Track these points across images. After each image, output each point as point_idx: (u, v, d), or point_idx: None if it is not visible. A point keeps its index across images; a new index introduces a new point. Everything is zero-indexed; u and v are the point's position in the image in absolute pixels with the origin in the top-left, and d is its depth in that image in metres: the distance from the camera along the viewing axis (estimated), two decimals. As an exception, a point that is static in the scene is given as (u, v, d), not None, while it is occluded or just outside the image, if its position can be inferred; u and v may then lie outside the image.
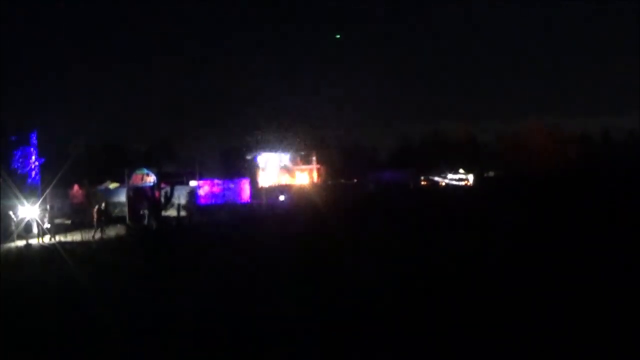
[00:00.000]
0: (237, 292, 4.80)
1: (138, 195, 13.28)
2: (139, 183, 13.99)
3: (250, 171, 16.98)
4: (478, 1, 47.55)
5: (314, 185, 16.51)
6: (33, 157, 12.66)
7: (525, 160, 17.55)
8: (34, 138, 12.77)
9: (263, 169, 17.63)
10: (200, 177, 15.37)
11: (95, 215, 11.07)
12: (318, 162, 18.17)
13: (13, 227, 10.48)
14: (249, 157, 18.03)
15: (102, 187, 15.92)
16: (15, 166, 12.07)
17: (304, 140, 18.58)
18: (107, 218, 11.44)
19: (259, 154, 18.02)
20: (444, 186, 19.43)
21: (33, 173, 12.39)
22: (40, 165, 12.79)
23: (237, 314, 4.17)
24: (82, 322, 4.16)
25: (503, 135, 23.94)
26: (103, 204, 11.42)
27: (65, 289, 5.35)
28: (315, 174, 18.02)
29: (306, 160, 18.30)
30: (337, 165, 18.54)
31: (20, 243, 10.03)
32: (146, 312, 4.35)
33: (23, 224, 10.68)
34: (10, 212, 10.64)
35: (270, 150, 18.06)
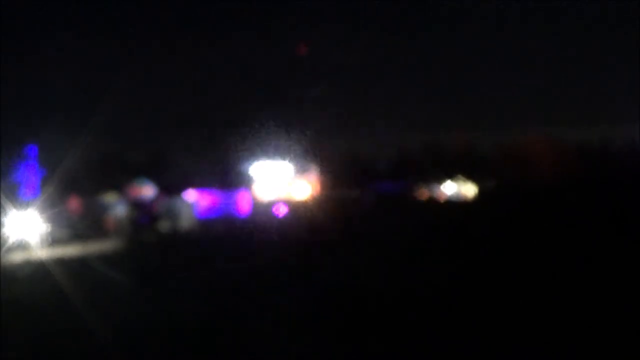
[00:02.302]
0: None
1: (137, 207, 13.22)
2: (138, 195, 13.94)
3: (248, 183, 16.95)
4: (476, 10, 47.45)
5: (313, 197, 16.47)
6: (32, 170, 12.61)
7: (526, 170, 17.50)
8: (33, 150, 12.74)
9: (261, 181, 17.60)
10: (198, 189, 15.32)
11: (111, 225, 11.13)
12: (317, 173, 18.15)
13: (11, 242, 10.40)
14: (247, 169, 17.98)
15: (100, 198, 15.86)
16: (14, 179, 12.02)
17: (303, 152, 18.55)
18: (131, 228, 11.47)
19: (258, 165, 17.99)
20: (444, 199, 19.33)
21: (32, 186, 12.34)
22: (39, 178, 12.74)
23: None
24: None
25: (502, 146, 23.88)
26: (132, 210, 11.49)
27: (57, 307, 5.31)
28: (314, 186, 17.99)
29: (305, 172, 18.28)
30: (337, 177, 18.49)
31: (18, 257, 9.95)
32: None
33: (21, 238, 10.61)
34: (8, 226, 10.58)
35: (269, 162, 18.04)
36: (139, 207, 13.27)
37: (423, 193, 20.72)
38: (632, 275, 5.08)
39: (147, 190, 14.55)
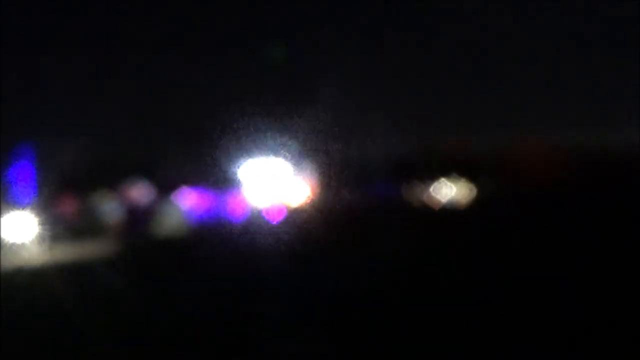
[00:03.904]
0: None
1: (130, 209, 13.19)
2: (131, 196, 13.92)
3: (244, 185, 16.97)
4: (472, 12, 47.87)
5: (309, 199, 16.48)
6: (27, 171, 12.57)
7: (524, 175, 17.57)
8: (29, 151, 12.70)
9: (257, 183, 17.64)
10: (193, 190, 15.31)
11: (114, 226, 11.10)
12: (315, 176, 18.17)
13: (5, 244, 10.34)
14: (243, 170, 18.01)
15: (95, 200, 15.84)
16: (9, 180, 11.98)
17: (299, 153, 18.54)
18: (127, 230, 11.41)
19: (253, 167, 18.02)
20: (443, 204, 19.37)
21: (27, 187, 12.31)
22: (34, 179, 12.70)
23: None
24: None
25: (500, 149, 23.96)
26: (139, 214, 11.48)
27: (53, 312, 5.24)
28: (312, 189, 18.01)
29: (301, 173, 18.29)
30: (335, 179, 18.49)
31: (13, 260, 9.86)
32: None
33: (16, 240, 10.55)
34: (2, 228, 10.52)
35: (265, 163, 18.08)
36: (134, 208, 13.24)
37: (419, 196, 20.80)
38: (631, 281, 5.05)
39: (143, 192, 14.54)
